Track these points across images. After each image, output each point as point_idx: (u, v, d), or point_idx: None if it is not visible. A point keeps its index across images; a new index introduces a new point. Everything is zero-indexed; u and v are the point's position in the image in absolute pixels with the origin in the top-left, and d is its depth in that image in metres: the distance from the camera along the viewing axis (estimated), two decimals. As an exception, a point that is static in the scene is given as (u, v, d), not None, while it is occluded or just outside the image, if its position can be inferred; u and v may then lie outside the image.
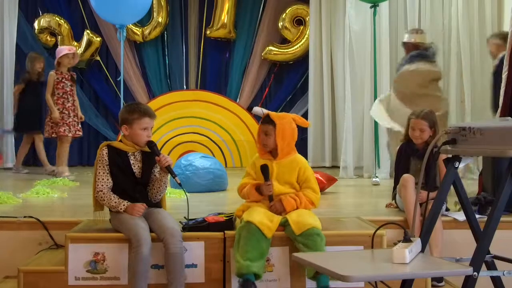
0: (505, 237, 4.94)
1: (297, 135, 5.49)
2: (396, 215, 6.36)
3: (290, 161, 5.40)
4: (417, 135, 6.37)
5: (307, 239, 5.01)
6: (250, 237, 4.99)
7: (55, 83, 10.50)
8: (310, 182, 5.39)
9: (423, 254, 3.76)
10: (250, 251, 4.96)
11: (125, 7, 9.85)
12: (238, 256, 4.99)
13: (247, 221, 5.06)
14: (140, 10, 10.29)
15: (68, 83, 10.60)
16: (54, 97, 10.52)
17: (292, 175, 5.38)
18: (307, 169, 5.45)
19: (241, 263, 4.94)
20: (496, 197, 3.80)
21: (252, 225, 5.01)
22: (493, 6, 10.45)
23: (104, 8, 10.07)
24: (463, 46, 10.49)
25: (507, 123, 3.72)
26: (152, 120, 5.30)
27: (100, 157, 5.25)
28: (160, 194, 5.38)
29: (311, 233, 5.02)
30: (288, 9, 13.50)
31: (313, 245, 4.98)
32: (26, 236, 6.01)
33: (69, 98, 10.58)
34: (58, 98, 10.50)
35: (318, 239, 5.02)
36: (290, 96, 13.61)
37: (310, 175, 5.42)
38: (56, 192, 8.36)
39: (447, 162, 4.07)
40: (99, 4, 10.03)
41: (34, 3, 13.62)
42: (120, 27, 10.33)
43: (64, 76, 10.57)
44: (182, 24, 13.84)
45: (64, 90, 10.53)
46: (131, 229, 5.00)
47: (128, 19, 10.53)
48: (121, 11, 9.91)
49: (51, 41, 13.41)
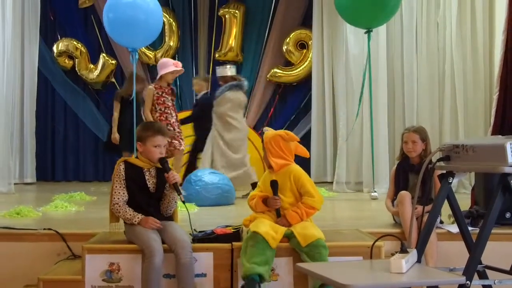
0: (496, 248, 4.93)
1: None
2: (394, 228, 6.35)
3: (285, 171, 5.41)
4: (410, 147, 6.39)
5: (313, 250, 5.01)
6: (256, 245, 5.00)
7: (155, 98, 9.54)
8: (306, 187, 5.38)
9: (419, 264, 3.77)
10: (256, 256, 4.96)
11: (137, 31, 9.88)
12: (244, 261, 5.00)
13: (253, 231, 5.07)
14: (151, 35, 10.31)
15: (168, 97, 9.66)
16: (155, 113, 9.55)
17: (287, 183, 5.39)
18: (301, 176, 5.44)
19: (247, 266, 4.94)
20: (487, 211, 3.81)
21: (258, 235, 5.01)
22: (485, 31, 10.46)
23: (118, 32, 10.09)
24: (457, 68, 10.50)
25: (497, 140, 3.73)
26: (164, 139, 5.32)
27: (118, 171, 5.28)
28: (170, 209, 5.39)
29: (317, 245, 5.02)
30: (292, 33, 13.55)
31: (319, 257, 4.98)
32: (46, 247, 6.01)
33: (172, 113, 9.66)
34: (161, 114, 9.51)
35: (323, 251, 5.02)
36: (294, 115, 13.63)
37: (305, 181, 5.41)
38: (73, 206, 8.36)
39: (441, 177, 4.08)
40: (113, 28, 10.05)
41: (53, 28, 13.70)
42: (133, 50, 10.35)
43: (164, 90, 9.61)
44: (192, 48, 13.90)
45: (166, 105, 9.54)
46: (144, 240, 5.01)
47: (140, 43, 10.55)
48: (133, 35, 9.94)
49: (69, 64, 13.48)
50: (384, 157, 10.60)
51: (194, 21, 13.95)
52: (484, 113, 10.33)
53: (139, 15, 9.85)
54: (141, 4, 9.98)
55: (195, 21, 13.96)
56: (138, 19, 9.82)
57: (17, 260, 5.99)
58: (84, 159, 13.65)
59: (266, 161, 5.52)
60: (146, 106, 9.53)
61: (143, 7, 9.97)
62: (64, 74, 13.49)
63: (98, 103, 13.64)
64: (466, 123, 10.49)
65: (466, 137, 10.22)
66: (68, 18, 13.67)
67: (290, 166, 5.47)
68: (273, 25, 13.76)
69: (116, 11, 9.95)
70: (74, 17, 13.67)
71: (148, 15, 9.97)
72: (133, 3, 9.97)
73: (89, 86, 13.63)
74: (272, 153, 5.41)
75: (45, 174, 13.29)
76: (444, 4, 10.70)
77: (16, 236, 6.13)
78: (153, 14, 10.09)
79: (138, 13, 9.87)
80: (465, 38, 10.53)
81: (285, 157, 5.45)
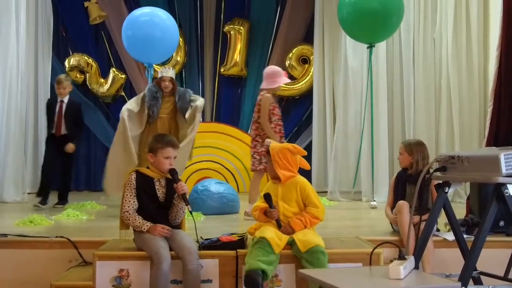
0: (490, 255, 4.93)
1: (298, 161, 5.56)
2: (392, 236, 6.37)
3: (291, 182, 5.43)
4: (399, 159, 6.58)
5: (311, 256, 5.02)
6: (262, 247, 5.01)
7: (271, 108, 8.40)
8: (311, 198, 5.41)
9: (417, 270, 3.77)
10: (260, 256, 4.97)
11: (154, 48, 9.94)
12: (249, 259, 5.02)
13: (260, 236, 5.08)
14: (167, 51, 10.39)
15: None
16: (271, 124, 8.35)
17: (293, 194, 5.41)
18: (307, 187, 5.46)
19: (251, 262, 4.97)
20: (482, 219, 3.82)
21: (264, 239, 5.03)
22: (479, 47, 10.46)
23: (135, 48, 10.14)
24: (453, 82, 10.51)
25: (492, 152, 3.75)
26: (174, 150, 5.35)
27: (129, 181, 5.31)
28: (178, 218, 5.41)
29: (316, 251, 5.03)
30: (294, 49, 13.57)
31: (317, 263, 4.98)
32: (58, 254, 6.04)
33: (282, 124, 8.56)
34: (275, 125, 8.38)
35: (321, 256, 5.02)
36: (296, 128, 13.63)
37: (310, 192, 5.44)
38: (85, 215, 8.37)
39: (438, 187, 4.10)
40: (131, 45, 10.10)
41: (65, 44, 13.72)
42: (149, 65, 10.38)
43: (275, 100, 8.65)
44: (199, 63, 13.91)
45: (279, 116, 8.48)
46: (152, 247, 5.02)
47: (156, 59, 10.59)
48: (150, 52, 9.99)
49: (80, 78, 13.50)
50: (384, 168, 10.63)
51: (200, 37, 13.97)
52: (479, 125, 10.33)
53: (156, 32, 9.91)
54: (158, 22, 10.05)
55: (201, 37, 13.98)
56: (155, 37, 9.88)
57: (31, 267, 6.01)
58: (95, 170, 13.63)
59: (271, 172, 5.53)
60: (263, 116, 8.32)
61: (160, 25, 10.03)
62: (76, 88, 13.46)
63: (108, 116, 13.65)
64: (461, 135, 10.50)
65: (461, 149, 10.22)
66: (79, 34, 13.69)
67: (296, 177, 5.50)
68: (276, 41, 13.77)
69: (135, 28, 10.01)
70: (85, 33, 13.68)
71: (165, 33, 10.03)
72: (151, 21, 10.04)
73: (100, 99, 13.64)
74: (280, 165, 5.42)
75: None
76: (440, 21, 10.72)
77: (30, 244, 6.15)
78: (170, 32, 10.15)
79: (155, 30, 9.93)
80: (461, 54, 10.54)
81: (292, 169, 5.48)
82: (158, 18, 10.13)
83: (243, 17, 13.87)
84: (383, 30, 9.64)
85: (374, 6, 9.35)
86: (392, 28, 9.72)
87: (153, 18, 10.08)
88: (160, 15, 10.19)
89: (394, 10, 9.47)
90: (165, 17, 10.23)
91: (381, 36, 9.80)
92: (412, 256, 3.79)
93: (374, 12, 9.34)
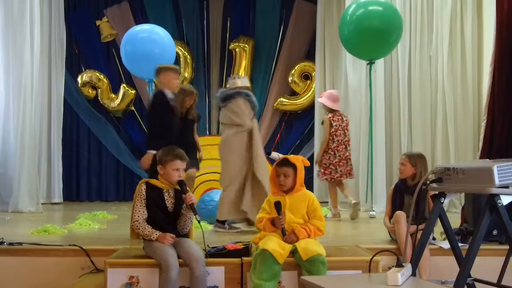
0: (484, 263, 4.94)
1: (305, 174, 5.56)
2: (390, 244, 6.36)
3: (300, 195, 5.44)
4: (400, 170, 6.54)
5: (311, 265, 5.03)
6: (264, 262, 5.02)
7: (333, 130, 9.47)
8: (317, 212, 5.43)
9: (414, 277, 3.77)
10: (264, 272, 4.99)
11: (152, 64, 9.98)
12: (253, 277, 5.03)
13: (262, 249, 5.09)
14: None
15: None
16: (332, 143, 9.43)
17: (302, 206, 5.41)
18: (315, 200, 5.49)
19: (256, 282, 4.98)
20: (476, 228, 3.83)
21: (267, 252, 5.03)
22: (473, 64, 10.48)
23: (134, 64, 10.18)
24: (448, 97, 10.52)
25: (485, 164, 3.75)
26: (183, 163, 5.37)
27: (139, 191, 5.32)
28: (186, 227, 5.42)
29: (316, 260, 5.04)
30: (297, 66, 13.61)
31: (316, 272, 4.99)
32: (71, 261, 6.05)
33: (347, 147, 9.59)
34: (338, 144, 9.47)
35: (321, 266, 5.03)
36: (298, 141, 13.65)
37: (318, 206, 5.46)
38: (96, 224, 8.38)
39: (434, 197, 4.10)
40: (130, 61, 10.15)
41: (78, 61, 13.78)
42: (149, 81, 10.40)
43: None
44: (205, 79, 13.95)
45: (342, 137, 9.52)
46: (161, 255, 5.03)
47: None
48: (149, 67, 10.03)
49: (92, 94, 13.55)
50: (382, 179, 10.64)
51: (207, 54, 14.02)
52: (473, 138, 10.34)
53: (154, 49, 9.95)
54: (156, 39, 10.09)
55: (208, 54, 14.02)
56: (153, 53, 9.91)
57: (45, 274, 6.02)
58: (106, 181, 13.68)
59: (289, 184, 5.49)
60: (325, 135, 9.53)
61: (158, 41, 10.07)
62: (88, 103, 13.55)
63: (119, 130, 13.69)
64: (456, 148, 10.51)
65: (456, 161, 10.23)
66: (91, 51, 13.74)
67: (305, 190, 5.53)
68: (280, 58, 13.84)
69: (133, 45, 10.05)
70: (96, 50, 13.74)
71: (163, 49, 10.07)
72: (149, 38, 10.08)
73: (111, 114, 13.68)
74: (300, 178, 5.46)
75: (70, 194, 13.32)
76: (436, 40, 10.74)
77: (44, 252, 6.17)
78: (167, 48, 10.18)
79: (153, 47, 9.97)
80: (456, 70, 10.56)
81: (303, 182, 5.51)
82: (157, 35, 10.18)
83: (248, 35, 13.92)
84: (383, 47, 9.66)
85: (375, 24, 9.37)
86: (392, 45, 9.74)
87: (151, 35, 10.13)
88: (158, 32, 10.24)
89: (394, 28, 9.49)
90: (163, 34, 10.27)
91: (381, 53, 9.82)
92: (409, 263, 3.79)
93: (375, 30, 9.36)
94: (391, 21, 9.51)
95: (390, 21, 9.50)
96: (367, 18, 9.53)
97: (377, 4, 9.57)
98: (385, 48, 9.80)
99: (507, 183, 3.67)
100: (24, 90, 10.67)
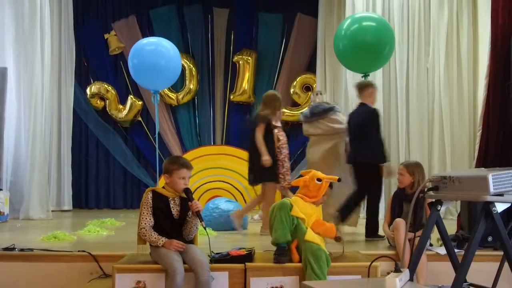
0: (479, 268, 4.94)
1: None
2: (389, 250, 6.37)
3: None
4: (399, 179, 6.57)
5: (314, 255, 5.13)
6: (284, 217, 5.24)
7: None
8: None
9: (411, 282, 3.78)
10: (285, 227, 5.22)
11: (158, 76, 9.99)
12: (275, 233, 5.27)
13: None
14: (171, 79, 10.38)
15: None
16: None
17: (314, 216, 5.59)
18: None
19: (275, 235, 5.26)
20: (471, 235, 3.84)
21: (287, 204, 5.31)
22: (469, 76, 10.51)
23: (141, 76, 10.19)
24: (444, 108, 10.55)
25: (481, 172, 3.77)
26: (189, 171, 5.37)
27: (146, 199, 5.32)
28: (191, 234, 5.42)
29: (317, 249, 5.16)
30: (298, 77, 13.61)
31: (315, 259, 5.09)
32: (80, 267, 6.06)
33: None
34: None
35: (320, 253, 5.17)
36: (300, 150, 13.63)
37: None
38: (105, 231, 8.39)
39: (431, 205, 4.12)
40: (137, 73, 10.15)
41: (86, 73, 13.78)
42: (154, 92, 10.41)
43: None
44: (210, 91, 13.94)
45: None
46: (167, 261, 5.04)
47: (161, 86, 10.64)
48: (155, 79, 10.04)
49: (100, 105, 13.55)
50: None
51: (211, 66, 14.00)
52: (469, 148, 10.36)
53: (160, 61, 9.96)
54: (162, 51, 10.09)
55: (212, 67, 14.01)
56: (159, 65, 9.92)
57: (55, 279, 6.03)
58: (114, 189, 13.67)
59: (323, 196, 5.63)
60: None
61: (164, 54, 10.07)
62: (96, 114, 13.56)
63: (126, 139, 13.70)
64: (452, 157, 10.52)
65: (453, 170, 10.24)
66: (99, 64, 13.76)
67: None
68: (282, 70, 13.84)
69: (140, 57, 10.05)
70: (105, 63, 13.75)
71: (168, 61, 10.07)
72: (155, 50, 10.09)
73: (118, 124, 13.67)
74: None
75: (79, 202, 13.31)
76: (433, 52, 10.76)
77: (54, 257, 6.18)
78: (173, 60, 10.18)
79: (159, 59, 9.97)
80: (452, 82, 10.58)
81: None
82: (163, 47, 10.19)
83: (251, 48, 13.93)
84: (376, 60, 9.65)
85: (368, 39, 9.35)
86: (385, 59, 9.71)
87: (157, 47, 10.15)
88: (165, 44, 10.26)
89: (387, 42, 9.47)
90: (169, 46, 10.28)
91: (375, 66, 9.78)
92: (407, 269, 3.80)
93: (367, 44, 9.35)
94: (383, 35, 9.50)
95: (382, 35, 9.50)
96: (360, 33, 9.54)
97: (370, 19, 9.57)
98: (378, 62, 9.79)
99: (502, 191, 3.68)
100: (35, 101, 10.70)
